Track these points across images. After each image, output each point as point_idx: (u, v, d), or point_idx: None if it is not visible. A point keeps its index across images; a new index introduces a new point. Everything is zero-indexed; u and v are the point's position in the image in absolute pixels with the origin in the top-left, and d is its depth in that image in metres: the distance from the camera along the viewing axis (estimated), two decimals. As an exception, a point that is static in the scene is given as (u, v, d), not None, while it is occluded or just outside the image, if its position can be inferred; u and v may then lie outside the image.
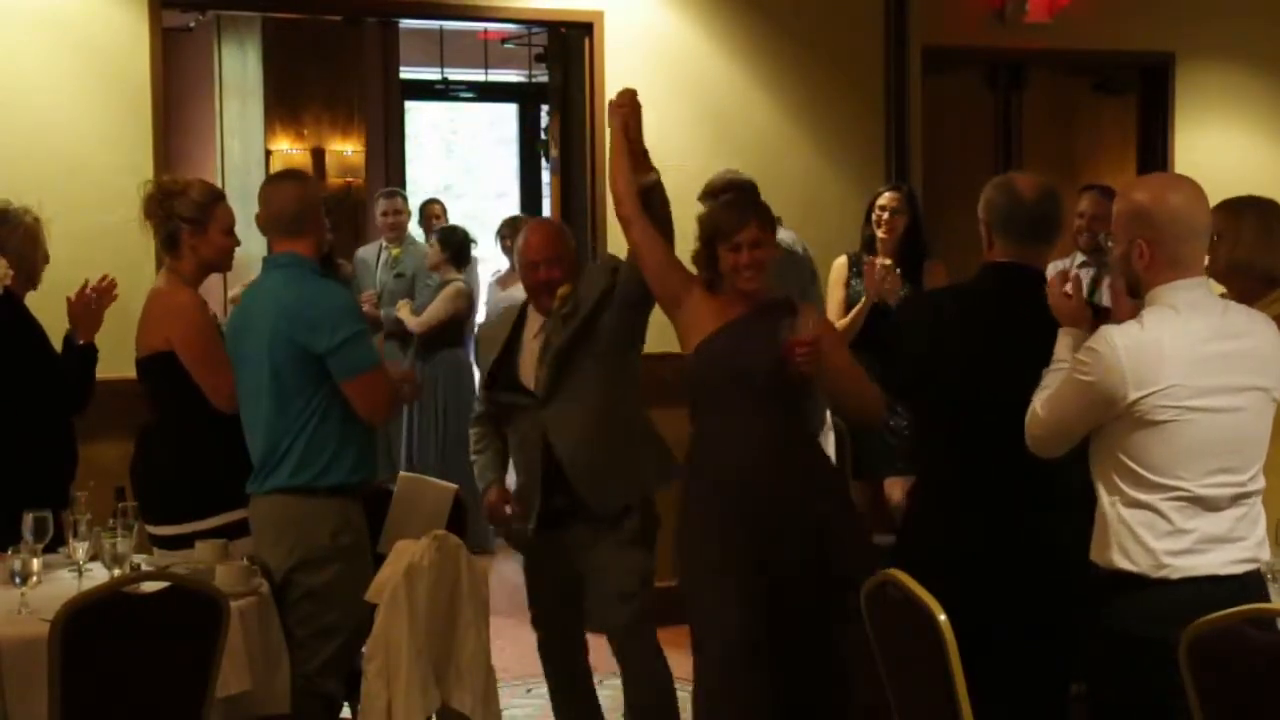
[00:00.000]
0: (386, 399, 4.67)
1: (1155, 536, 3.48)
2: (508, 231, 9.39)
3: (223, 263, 5.05)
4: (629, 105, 4.80)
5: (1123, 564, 3.50)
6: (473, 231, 9.55)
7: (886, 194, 6.97)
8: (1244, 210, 4.63)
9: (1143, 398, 3.46)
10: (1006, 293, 4.13)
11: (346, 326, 4.56)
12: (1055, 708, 4.11)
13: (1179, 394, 3.45)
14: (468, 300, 9.02)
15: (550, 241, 4.95)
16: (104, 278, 5.34)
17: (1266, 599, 3.55)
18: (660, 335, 5.05)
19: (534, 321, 4.97)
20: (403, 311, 8.91)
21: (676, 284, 4.69)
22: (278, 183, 4.88)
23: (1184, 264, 3.55)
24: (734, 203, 4.87)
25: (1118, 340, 3.50)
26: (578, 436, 4.80)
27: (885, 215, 6.91)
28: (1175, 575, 3.46)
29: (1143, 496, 3.49)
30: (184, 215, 4.90)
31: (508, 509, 5.02)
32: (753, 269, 4.56)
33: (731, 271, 4.58)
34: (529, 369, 4.88)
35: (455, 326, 8.98)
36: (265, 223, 4.75)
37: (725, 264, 4.58)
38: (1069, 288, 3.78)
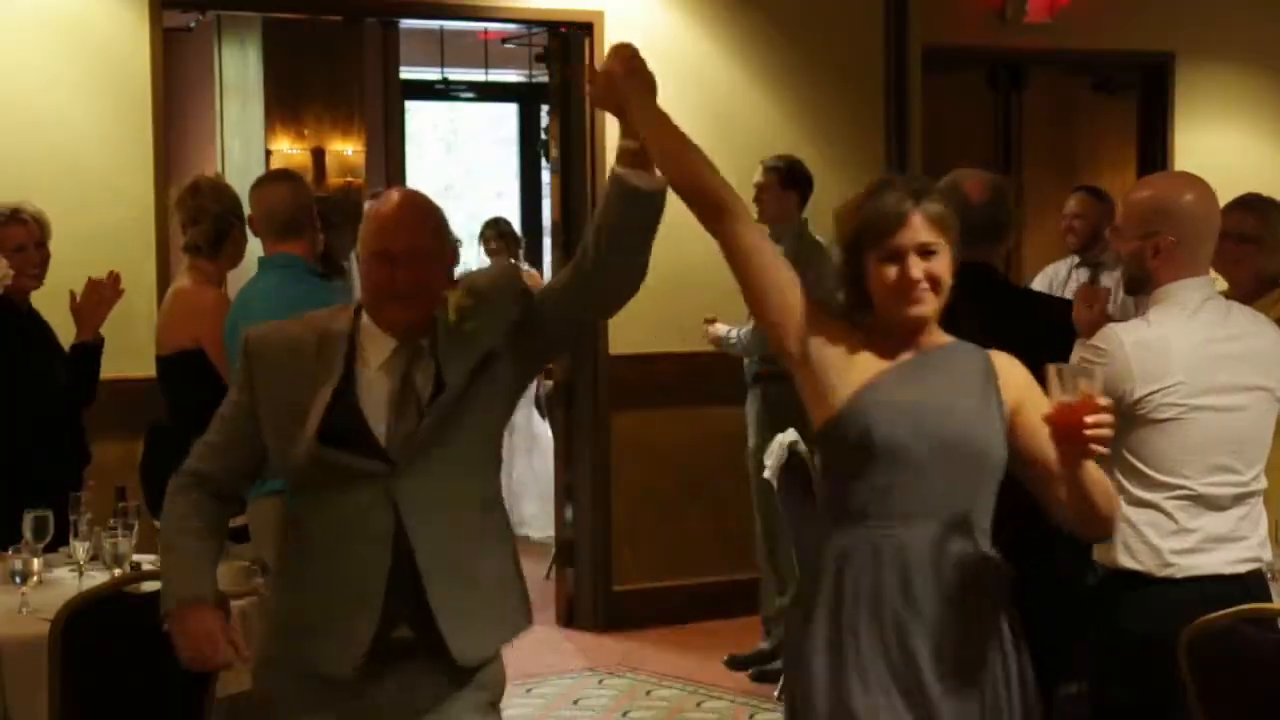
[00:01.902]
0: None
1: (1160, 535, 3.48)
2: (491, 234, 9.39)
3: None
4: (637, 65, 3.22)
5: (1128, 563, 3.50)
6: (472, 231, 9.56)
7: None
8: (1270, 213, 4.63)
9: (1148, 394, 3.47)
10: (961, 291, 4.15)
11: None
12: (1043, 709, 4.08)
13: (1184, 391, 3.46)
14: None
15: (421, 224, 3.15)
16: (110, 274, 5.32)
17: (1268, 598, 3.55)
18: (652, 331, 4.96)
19: (376, 344, 3.14)
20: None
21: (802, 309, 3.05)
22: (269, 184, 4.90)
23: (1198, 262, 3.56)
24: (891, 185, 3.07)
25: (1124, 337, 3.51)
26: (448, 536, 3.10)
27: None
28: (1180, 574, 3.46)
29: (1147, 495, 3.49)
30: (238, 212, 4.94)
31: (235, 647, 3.19)
32: (926, 290, 3.00)
33: (889, 295, 3.00)
34: (376, 415, 3.10)
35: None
36: (258, 224, 4.77)
37: (878, 282, 3.01)
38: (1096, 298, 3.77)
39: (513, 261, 2.99)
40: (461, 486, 3.13)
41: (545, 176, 12.40)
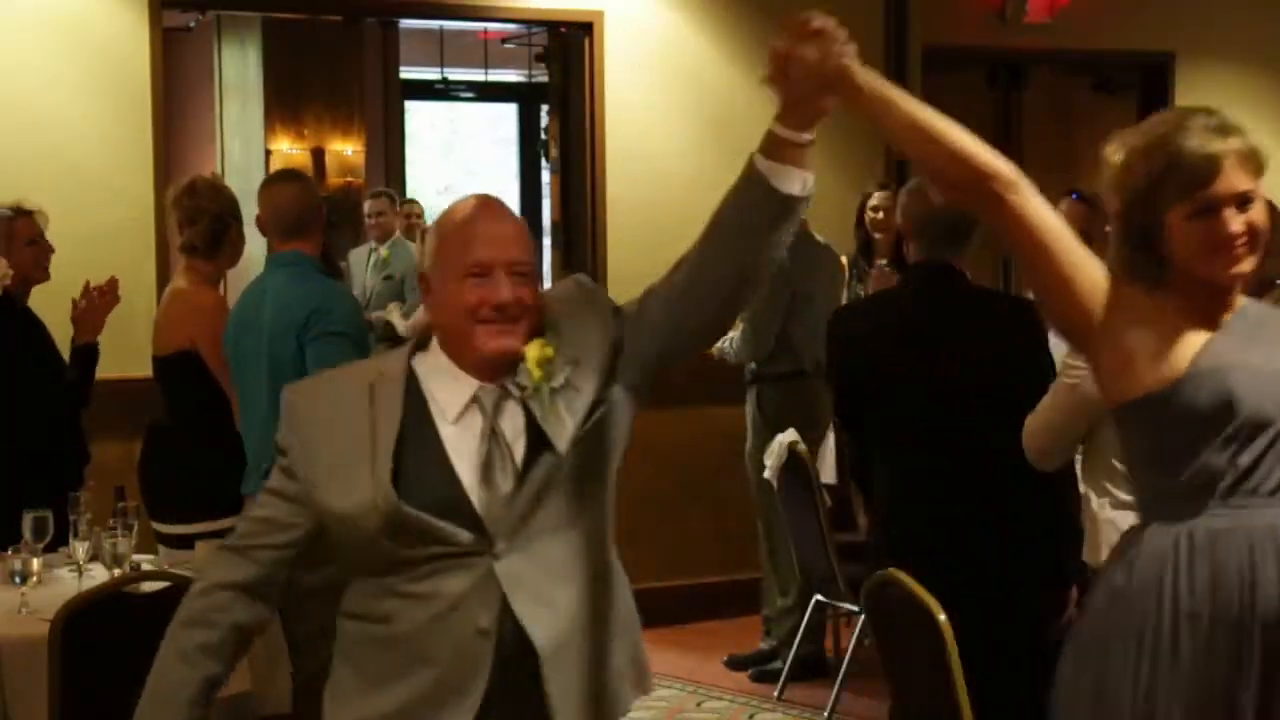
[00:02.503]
0: None
1: (1144, 536, 3.48)
2: None
3: None
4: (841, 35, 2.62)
5: (1113, 563, 3.51)
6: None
7: (878, 194, 6.97)
8: (1271, 213, 4.64)
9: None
10: (925, 291, 4.17)
11: (337, 324, 4.55)
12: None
13: None
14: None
15: (523, 233, 2.69)
16: (109, 280, 5.33)
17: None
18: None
19: (449, 390, 2.63)
20: (393, 315, 8.89)
21: (1097, 284, 2.61)
22: (278, 184, 4.90)
23: None
24: (1191, 123, 2.59)
25: (1104, 341, 3.51)
26: (564, 623, 2.63)
27: (880, 216, 6.91)
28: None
29: (1130, 498, 3.50)
30: (235, 213, 4.95)
31: None
32: (1244, 246, 2.58)
33: (1202, 254, 2.56)
34: (470, 483, 2.59)
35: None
36: (267, 223, 4.77)
37: (1184, 239, 2.56)
38: None
39: (579, 277, 2.58)
40: (576, 558, 2.64)
41: (545, 176, 12.42)
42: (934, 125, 2.58)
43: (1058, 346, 3.77)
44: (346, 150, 11.63)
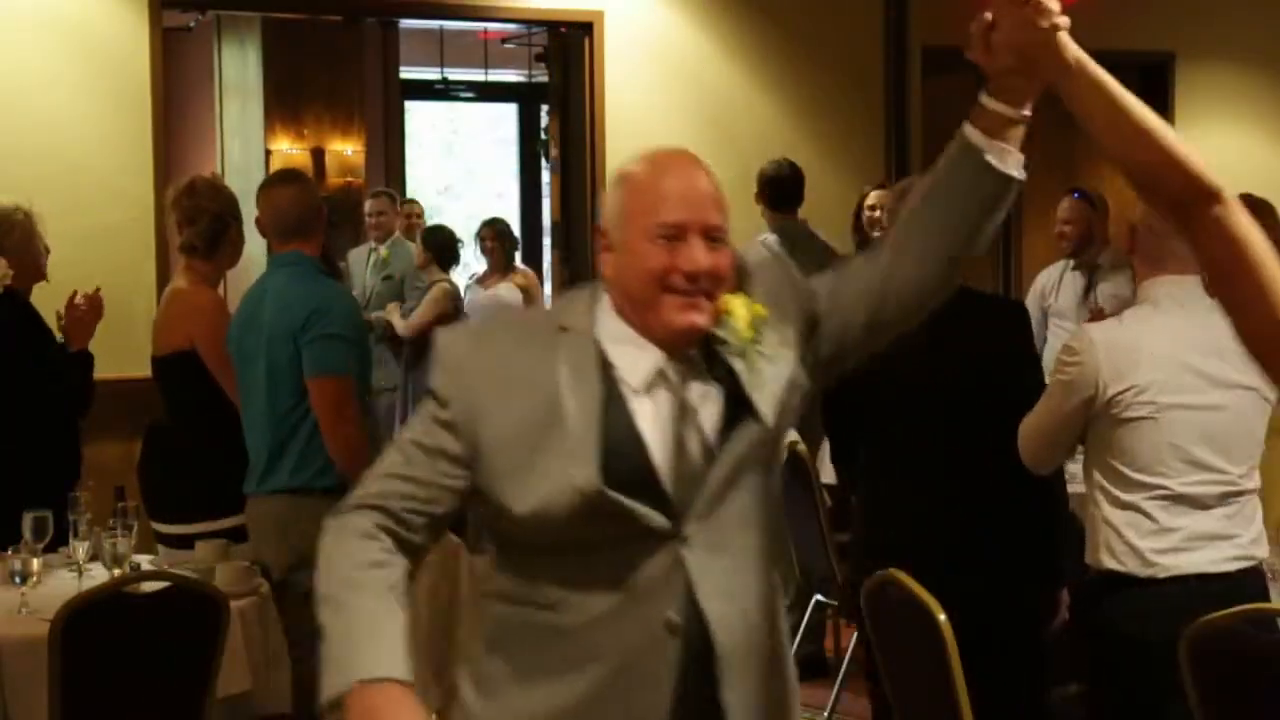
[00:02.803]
0: (340, 412, 4.50)
1: (1140, 536, 3.49)
2: (488, 234, 9.33)
3: None
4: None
5: (1110, 564, 3.52)
6: (471, 230, 9.56)
7: (875, 193, 6.99)
8: (1267, 214, 4.64)
9: (1119, 394, 3.48)
10: None
11: (334, 325, 4.55)
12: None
13: (1155, 391, 3.46)
14: (454, 301, 8.98)
15: (720, 196, 2.35)
16: (96, 290, 5.33)
17: (1265, 597, 3.55)
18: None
19: (631, 357, 2.33)
20: (393, 315, 8.89)
21: None
22: (279, 185, 4.89)
23: (1170, 259, 3.55)
24: None
25: (1095, 336, 3.54)
26: (748, 623, 2.34)
27: (877, 214, 6.92)
28: (1163, 574, 3.47)
29: (1127, 497, 3.50)
30: (234, 213, 4.95)
31: None
32: None
33: None
34: (662, 461, 2.29)
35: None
36: (268, 225, 4.76)
37: None
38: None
39: (767, 239, 2.18)
40: (761, 554, 2.36)
41: (545, 176, 12.42)
42: (1155, 126, 2.30)
43: (1051, 349, 3.79)
44: (346, 150, 11.62)
